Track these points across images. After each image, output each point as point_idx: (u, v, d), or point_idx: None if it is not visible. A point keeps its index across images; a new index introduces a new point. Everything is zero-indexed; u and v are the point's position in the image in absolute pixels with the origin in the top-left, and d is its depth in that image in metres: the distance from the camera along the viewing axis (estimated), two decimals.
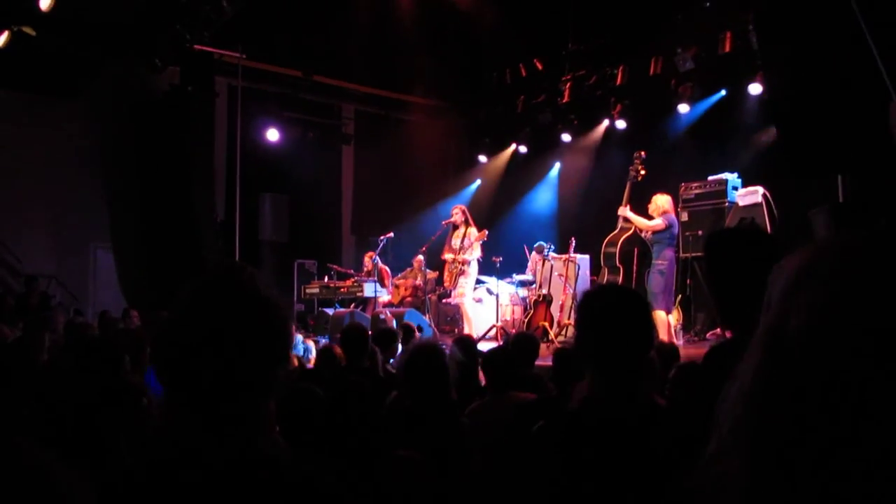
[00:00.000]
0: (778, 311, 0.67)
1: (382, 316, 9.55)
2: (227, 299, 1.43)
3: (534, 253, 10.84)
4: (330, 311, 10.90)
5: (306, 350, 7.28)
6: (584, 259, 10.70)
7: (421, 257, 11.24)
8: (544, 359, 7.39)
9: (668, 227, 8.42)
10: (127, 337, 4.21)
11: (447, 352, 3.33)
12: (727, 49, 10.50)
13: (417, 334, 7.14)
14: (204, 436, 1.42)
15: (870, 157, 5.02)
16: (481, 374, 4.79)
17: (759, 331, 0.69)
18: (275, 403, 1.55)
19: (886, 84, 4.41)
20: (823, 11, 4.98)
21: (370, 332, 5.60)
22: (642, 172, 8.91)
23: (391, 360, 5.89)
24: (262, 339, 1.42)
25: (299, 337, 7.58)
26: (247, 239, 12.70)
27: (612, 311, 1.96)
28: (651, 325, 2.04)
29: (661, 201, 8.56)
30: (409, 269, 11.97)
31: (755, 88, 10.16)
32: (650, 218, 8.57)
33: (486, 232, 9.96)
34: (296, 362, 5.55)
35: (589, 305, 2.05)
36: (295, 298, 12.88)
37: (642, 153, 9.02)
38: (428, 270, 11.39)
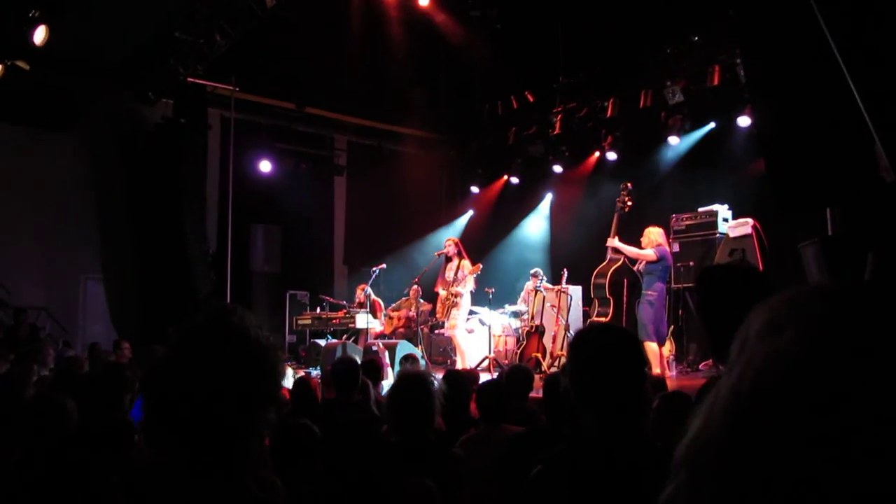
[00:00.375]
0: (739, 364, 0.66)
1: (374, 348, 9.51)
2: (218, 343, 1.43)
3: (528, 282, 10.83)
4: (322, 343, 10.85)
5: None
6: (576, 290, 10.71)
7: (417, 287, 11.22)
8: (538, 390, 7.37)
9: (660, 259, 8.43)
10: (117, 372, 4.17)
11: (435, 383, 3.31)
12: (716, 82, 10.62)
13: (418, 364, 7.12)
14: (194, 479, 1.41)
15: (857, 190, 5.07)
16: (474, 406, 4.78)
17: (722, 381, 0.67)
18: (266, 442, 1.54)
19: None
20: (811, 47, 5.05)
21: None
22: (629, 204, 8.97)
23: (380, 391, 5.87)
24: (252, 382, 1.42)
25: (290, 370, 7.52)
26: (238, 270, 12.68)
27: (604, 353, 1.96)
28: (644, 365, 2.04)
29: (654, 234, 8.61)
30: (404, 299, 11.95)
31: (744, 121, 10.27)
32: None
33: (481, 266, 9.96)
34: (287, 395, 5.49)
35: (581, 347, 2.05)
36: (287, 330, 12.82)
37: (629, 185, 9.09)
38: (422, 301, 11.38)
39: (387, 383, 7.65)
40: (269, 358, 1.46)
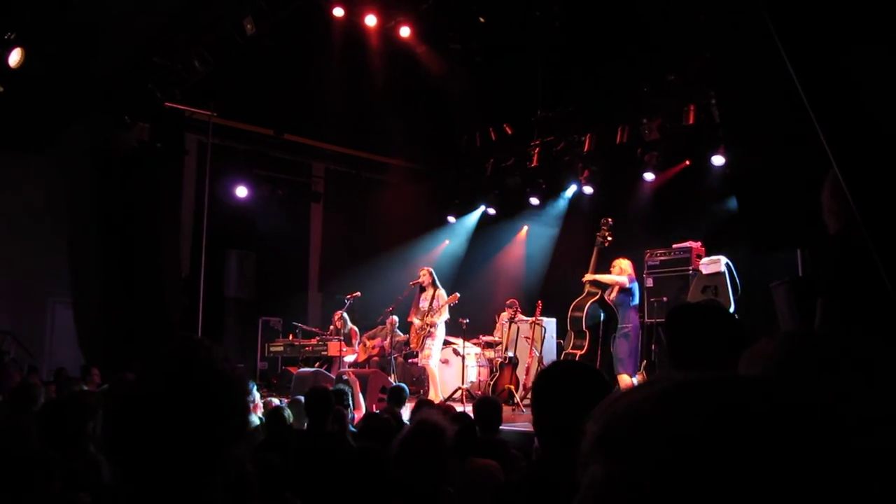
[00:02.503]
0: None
1: (345, 377, 9.42)
2: (181, 381, 1.40)
3: (504, 312, 10.83)
4: (294, 371, 10.74)
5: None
6: (550, 322, 10.73)
7: (395, 318, 11.18)
8: (509, 423, 7.33)
9: (632, 283, 8.66)
10: (79, 399, 4.07)
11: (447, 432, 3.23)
12: (691, 121, 10.80)
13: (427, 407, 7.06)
14: None
15: (827, 233, 5.14)
16: None
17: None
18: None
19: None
20: (784, 90, 5.15)
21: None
22: (609, 239, 9.05)
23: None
24: (216, 420, 1.40)
25: (257, 395, 7.43)
26: (211, 295, 12.54)
27: (570, 392, 1.96)
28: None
29: (625, 265, 8.77)
30: (380, 327, 11.88)
31: (718, 160, 10.42)
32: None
33: (457, 296, 9.96)
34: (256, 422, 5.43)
35: (545, 386, 2.05)
36: (258, 356, 12.68)
37: (609, 220, 9.17)
38: (398, 333, 11.32)
39: (359, 413, 7.58)
40: (236, 393, 1.44)
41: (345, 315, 11.13)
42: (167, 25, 10.57)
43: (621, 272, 8.78)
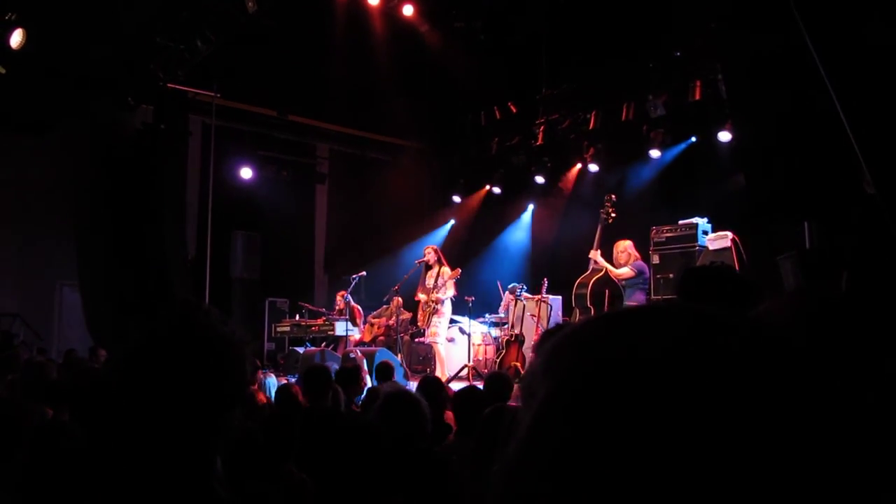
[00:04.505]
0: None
1: (352, 355, 9.45)
2: (180, 342, 1.40)
3: (507, 293, 10.85)
4: (300, 350, 10.77)
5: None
6: (556, 299, 10.73)
7: (399, 298, 11.19)
8: (517, 399, 7.37)
9: (639, 273, 8.58)
10: (91, 377, 4.11)
11: (421, 400, 3.30)
12: (697, 97, 10.72)
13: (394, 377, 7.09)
14: (159, 481, 1.39)
15: (836, 203, 5.12)
16: (449, 414, 4.76)
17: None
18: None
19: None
20: (791, 62, 5.11)
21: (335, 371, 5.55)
22: (613, 215, 9.02)
23: (357, 399, 5.82)
24: (215, 383, 1.39)
25: (272, 378, 7.46)
26: (218, 276, 12.56)
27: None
28: None
29: (629, 248, 8.76)
30: (384, 308, 11.90)
31: (724, 136, 10.36)
32: (618, 264, 8.73)
33: (459, 270, 9.97)
34: (264, 399, 5.44)
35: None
36: (265, 337, 12.72)
37: (613, 196, 9.14)
38: (403, 311, 11.34)
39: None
40: (235, 356, 1.43)
41: (348, 295, 11.15)
42: (169, 5, 10.52)
43: (629, 256, 8.77)
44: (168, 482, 1.38)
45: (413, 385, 7.05)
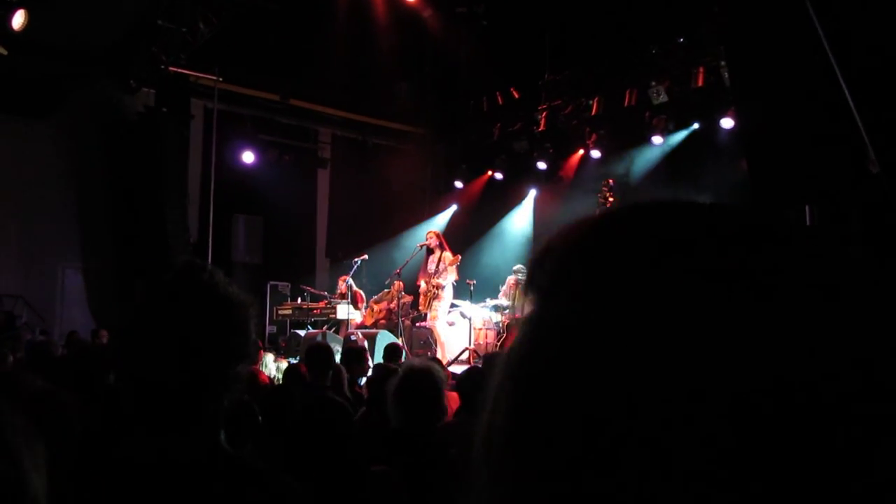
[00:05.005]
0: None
1: (354, 337, 9.49)
2: (185, 297, 1.42)
3: (510, 276, 10.85)
4: (302, 333, 10.82)
5: (277, 370, 7.22)
6: None
7: (400, 282, 11.22)
8: None
9: None
10: (93, 353, 4.13)
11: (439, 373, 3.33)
12: (700, 84, 10.71)
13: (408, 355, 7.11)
14: (167, 436, 1.41)
15: (837, 186, 5.14)
16: (449, 395, 4.80)
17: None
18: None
19: (855, 119, 4.52)
20: (795, 46, 5.11)
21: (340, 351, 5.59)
22: (611, 200, 9.02)
23: (360, 380, 5.85)
24: (221, 336, 1.41)
25: (270, 356, 7.50)
26: (220, 260, 12.58)
27: None
28: None
29: None
30: (385, 292, 11.93)
31: (727, 123, 10.35)
32: None
33: (460, 257, 9.99)
34: (266, 379, 5.48)
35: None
36: (267, 320, 12.75)
37: (610, 181, 9.14)
38: (404, 295, 11.37)
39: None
40: (240, 313, 1.45)
41: (349, 280, 11.18)
42: None
43: None
44: (179, 436, 1.40)
45: None
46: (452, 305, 10.59)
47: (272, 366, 6.94)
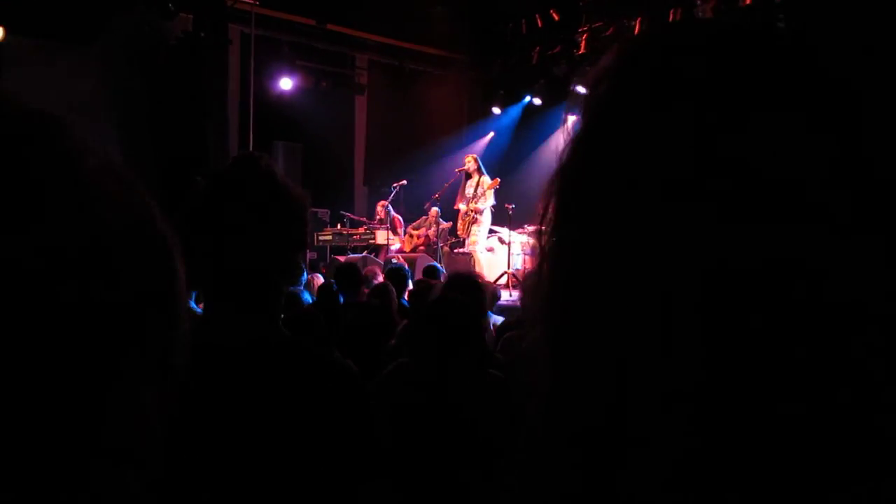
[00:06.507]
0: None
1: (394, 261, 9.60)
2: (245, 185, 1.45)
3: None
4: (342, 259, 10.96)
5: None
6: None
7: (436, 209, 11.23)
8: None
9: None
10: None
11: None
12: (748, 1, 10.32)
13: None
14: (235, 317, 1.46)
15: None
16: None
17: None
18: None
19: None
20: None
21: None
22: None
23: (402, 299, 5.95)
24: (280, 223, 1.45)
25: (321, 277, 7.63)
26: None
27: None
28: None
29: None
30: (423, 219, 11.98)
31: None
32: None
33: (499, 180, 9.95)
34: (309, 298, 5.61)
35: None
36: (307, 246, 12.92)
37: None
38: (442, 221, 11.41)
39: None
40: (297, 202, 1.49)
41: (388, 205, 11.23)
42: None
43: None
44: (244, 317, 1.45)
45: None
46: (491, 231, 10.60)
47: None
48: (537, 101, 14.08)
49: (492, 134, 15.11)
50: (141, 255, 0.45)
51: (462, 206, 10.18)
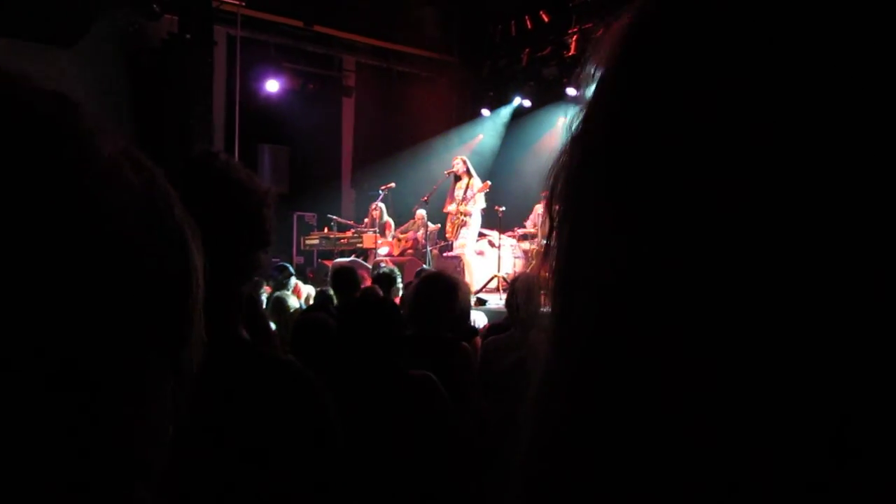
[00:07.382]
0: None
1: (383, 264, 9.47)
2: (197, 184, 1.39)
3: (537, 205, 10.71)
4: (329, 264, 10.83)
5: (307, 296, 7.22)
6: None
7: (422, 212, 11.13)
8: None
9: None
10: None
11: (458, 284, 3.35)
12: None
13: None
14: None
15: None
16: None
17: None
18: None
19: None
20: None
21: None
22: None
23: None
24: (233, 221, 1.41)
25: (308, 287, 7.52)
26: None
27: None
28: None
29: None
30: (410, 222, 11.87)
31: None
32: None
33: (489, 183, 9.85)
34: (296, 304, 5.51)
35: None
36: (294, 251, 12.79)
37: None
38: (430, 224, 11.30)
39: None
40: (253, 199, 1.45)
41: (381, 205, 11.12)
42: None
43: None
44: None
45: None
46: (480, 234, 10.50)
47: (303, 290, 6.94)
48: (527, 103, 14.02)
49: (481, 136, 15.03)
50: (156, 247, 0.45)
51: (451, 208, 10.07)
